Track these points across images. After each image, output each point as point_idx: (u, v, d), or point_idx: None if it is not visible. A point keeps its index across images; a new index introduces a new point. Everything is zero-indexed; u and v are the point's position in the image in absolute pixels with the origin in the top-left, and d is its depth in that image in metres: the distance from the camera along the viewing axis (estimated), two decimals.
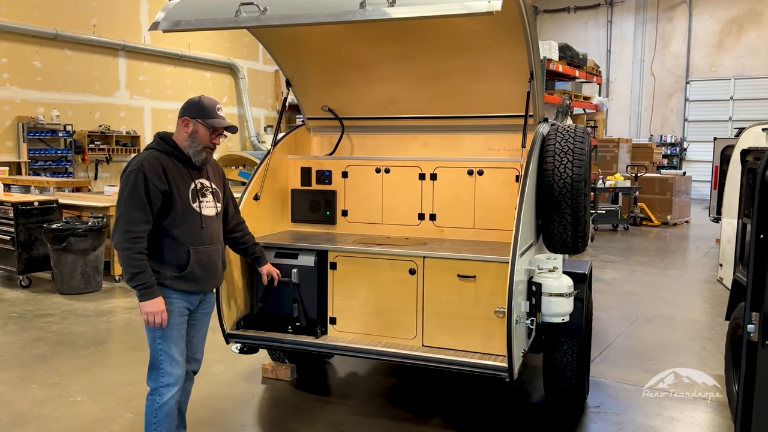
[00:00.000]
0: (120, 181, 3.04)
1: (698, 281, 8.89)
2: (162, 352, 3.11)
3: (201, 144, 3.15)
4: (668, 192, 14.50)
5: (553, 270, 3.66)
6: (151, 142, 3.20)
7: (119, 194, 3.00)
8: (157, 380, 3.14)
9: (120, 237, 2.94)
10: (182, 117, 3.14)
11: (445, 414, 4.22)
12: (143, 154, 3.09)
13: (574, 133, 3.83)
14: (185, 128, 3.13)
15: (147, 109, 15.97)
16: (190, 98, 3.19)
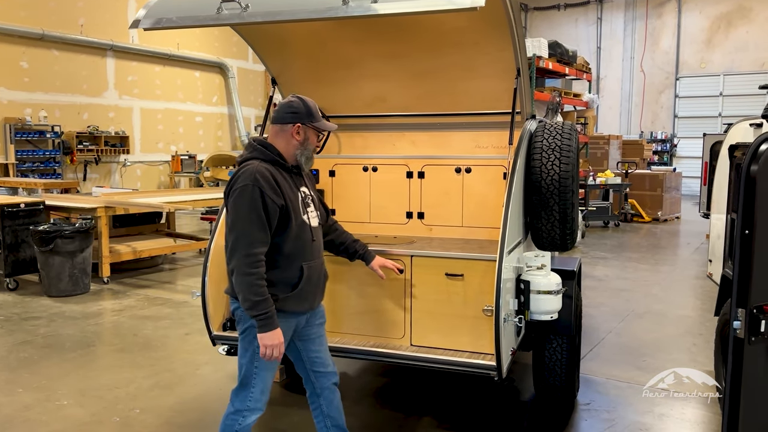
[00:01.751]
0: (229, 199, 2.78)
1: (689, 277, 8.91)
2: (257, 377, 2.93)
3: (311, 150, 2.98)
4: (659, 188, 14.55)
5: (542, 267, 3.65)
6: (250, 150, 2.90)
7: (233, 212, 2.75)
8: (245, 402, 2.96)
9: (241, 261, 2.70)
10: (293, 123, 2.89)
11: (436, 413, 4.20)
12: (252, 166, 2.79)
13: (562, 130, 3.81)
14: (297, 136, 2.90)
15: (136, 109, 15.88)
16: (290, 102, 2.95)
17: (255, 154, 2.88)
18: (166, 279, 8.46)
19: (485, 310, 3.44)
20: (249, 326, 2.87)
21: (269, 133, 2.96)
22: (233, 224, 2.74)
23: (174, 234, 9.80)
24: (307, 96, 4.52)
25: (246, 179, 2.75)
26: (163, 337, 5.88)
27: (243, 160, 2.89)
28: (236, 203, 2.74)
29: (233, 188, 2.77)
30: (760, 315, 1.90)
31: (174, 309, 6.83)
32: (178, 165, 16.27)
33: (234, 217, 2.74)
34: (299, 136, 2.92)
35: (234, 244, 2.72)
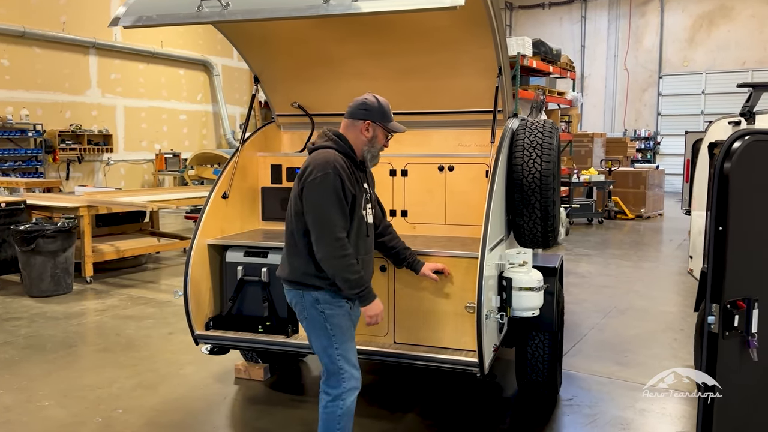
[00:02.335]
0: (307, 186, 2.83)
1: (671, 273, 9.01)
2: (340, 357, 2.98)
3: (378, 148, 3.09)
4: (642, 185, 14.67)
5: (523, 264, 3.67)
6: (324, 139, 2.99)
7: (316, 199, 2.82)
8: (339, 385, 2.98)
9: (332, 246, 2.82)
10: (364, 120, 3.00)
11: (420, 410, 4.21)
12: (329, 155, 2.88)
13: (543, 128, 3.84)
14: (366, 132, 3.01)
15: (119, 107, 15.76)
16: (366, 99, 3.04)
17: (329, 143, 2.97)
18: (150, 278, 8.41)
19: (467, 307, 3.46)
20: (313, 313, 2.96)
21: (341, 125, 3.06)
22: (317, 211, 2.82)
23: (158, 233, 9.74)
24: (290, 93, 4.56)
25: (326, 167, 2.82)
26: (146, 336, 5.85)
27: (316, 147, 2.97)
28: (319, 190, 2.81)
29: (312, 176, 2.82)
30: (733, 310, 1.93)
31: (157, 308, 6.80)
32: (162, 164, 16.16)
33: (317, 204, 2.82)
34: (368, 133, 3.02)
35: (321, 231, 2.83)
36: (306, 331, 3.06)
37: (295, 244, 2.97)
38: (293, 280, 2.98)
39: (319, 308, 2.95)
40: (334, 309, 2.97)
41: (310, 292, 2.95)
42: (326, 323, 2.95)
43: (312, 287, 2.95)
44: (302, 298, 2.97)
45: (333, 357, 2.98)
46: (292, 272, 2.98)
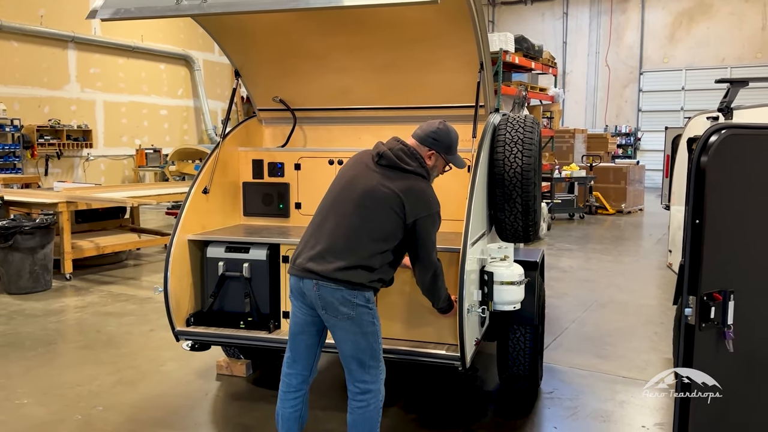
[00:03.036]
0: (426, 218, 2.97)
1: (651, 267, 9.12)
2: (380, 348, 3.07)
3: (433, 176, 3.19)
4: (623, 181, 14.82)
5: (505, 259, 3.69)
6: (419, 164, 3.05)
7: (431, 231, 3.01)
8: (378, 377, 3.06)
9: (439, 271, 3.11)
10: (430, 148, 3.08)
11: (403, 404, 4.22)
12: (429, 187, 3.06)
13: (524, 123, 3.86)
14: (428, 161, 3.09)
15: (99, 102, 15.57)
16: (438, 129, 3.09)
17: (424, 172, 3.07)
18: (131, 275, 8.33)
19: None
20: (363, 312, 2.94)
21: (411, 142, 3.09)
22: (430, 246, 3.02)
23: (138, 229, 9.65)
24: (272, 88, 4.53)
25: (437, 205, 3.03)
26: (126, 333, 5.80)
27: (414, 171, 3.02)
28: (433, 224, 3.01)
29: (430, 211, 2.97)
30: (710, 302, 1.96)
31: (138, 305, 6.74)
32: (143, 159, 16.00)
33: (431, 236, 3.01)
34: (430, 162, 3.10)
35: (431, 263, 3.05)
36: (343, 331, 2.96)
37: (369, 252, 2.93)
38: (353, 281, 2.91)
39: (369, 306, 2.96)
40: (375, 306, 3.03)
41: (364, 292, 2.94)
42: (374, 319, 2.99)
43: (368, 288, 2.96)
44: (355, 298, 2.92)
45: (377, 352, 3.02)
46: (354, 275, 2.91)
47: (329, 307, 2.92)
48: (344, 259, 2.89)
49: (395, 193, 2.91)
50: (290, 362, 3.18)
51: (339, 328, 2.96)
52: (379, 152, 3.03)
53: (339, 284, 2.89)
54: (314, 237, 3.01)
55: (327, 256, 2.91)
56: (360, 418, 3.03)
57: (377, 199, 2.93)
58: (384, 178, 2.96)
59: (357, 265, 2.89)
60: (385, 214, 2.91)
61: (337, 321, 2.94)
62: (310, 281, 2.93)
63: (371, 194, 2.94)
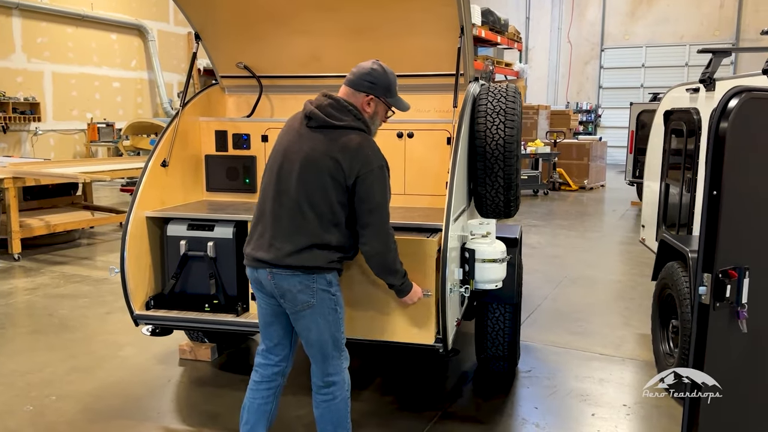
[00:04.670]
0: (366, 177, 2.60)
1: (617, 243, 9.15)
2: (343, 337, 2.83)
3: (377, 125, 2.83)
4: (585, 157, 14.87)
5: (487, 235, 3.52)
6: (353, 117, 2.67)
7: (377, 193, 2.63)
8: (342, 368, 2.83)
9: (391, 241, 2.71)
10: (367, 93, 2.71)
11: (378, 385, 4.05)
12: (369, 140, 2.68)
13: (506, 93, 3.66)
14: (367, 107, 2.73)
15: (47, 73, 14.79)
16: (372, 69, 2.72)
17: (357, 123, 2.69)
18: (84, 255, 7.92)
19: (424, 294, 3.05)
20: (325, 297, 2.69)
21: (342, 92, 2.72)
22: (378, 206, 2.64)
23: (91, 207, 9.19)
24: (235, 53, 4.21)
25: (381, 158, 2.66)
26: (81, 317, 5.46)
27: (347, 126, 2.65)
28: (377, 182, 2.63)
29: (372, 166, 2.60)
30: (725, 280, 1.81)
31: (93, 287, 6.38)
32: (95, 134, 15.29)
33: (379, 199, 2.64)
34: (369, 108, 2.74)
35: (382, 225, 2.68)
36: (304, 320, 2.70)
37: (319, 228, 2.63)
38: (309, 265, 2.62)
39: (331, 291, 2.71)
40: (338, 290, 2.77)
41: (324, 275, 2.67)
42: (336, 306, 2.74)
43: (328, 270, 2.68)
44: (314, 282, 2.65)
45: (339, 341, 2.79)
46: (308, 258, 2.62)
47: (287, 295, 2.68)
48: (294, 241, 2.62)
49: (329, 155, 2.60)
50: (265, 353, 2.95)
51: (300, 317, 2.72)
52: (307, 113, 2.71)
53: (293, 270, 2.63)
54: (261, 222, 2.75)
55: (275, 242, 2.65)
56: (327, 412, 2.83)
57: (313, 166, 2.62)
58: (316, 142, 2.64)
59: (310, 246, 2.62)
60: (324, 181, 2.61)
61: (297, 310, 2.70)
62: (263, 271, 2.70)
63: (306, 163, 2.63)
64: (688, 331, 3.64)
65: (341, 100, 2.69)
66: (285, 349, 2.93)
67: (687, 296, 3.68)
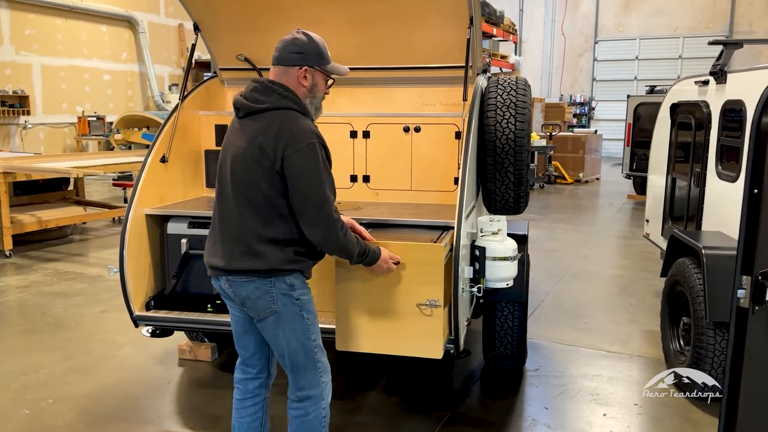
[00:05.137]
0: (291, 158, 2.33)
1: (615, 236, 9.09)
2: (317, 348, 2.56)
3: (320, 98, 2.56)
4: (581, 150, 14.81)
5: (497, 232, 3.43)
6: (278, 96, 2.42)
7: (309, 174, 2.35)
8: (318, 383, 2.58)
9: (334, 223, 2.41)
10: (300, 66, 2.45)
11: (384, 386, 3.96)
12: (300, 119, 2.41)
13: (516, 85, 3.56)
14: (304, 81, 2.46)
15: (36, 66, 14.55)
16: (295, 39, 2.47)
17: (287, 102, 2.43)
18: (77, 251, 7.77)
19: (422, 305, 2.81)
20: (287, 303, 2.46)
21: (273, 74, 2.49)
22: (313, 188, 2.37)
23: (84, 202, 9.03)
24: (235, 44, 4.08)
25: (310, 136, 2.37)
26: (76, 315, 5.34)
27: (271, 107, 2.41)
28: (310, 163, 2.36)
29: (298, 146, 2.33)
30: (765, 282, 1.73)
31: (87, 284, 6.25)
32: (86, 127, 15.08)
33: (313, 180, 2.37)
34: (306, 82, 2.48)
35: (321, 210, 2.39)
36: (268, 328, 2.50)
37: (263, 225, 2.41)
38: (262, 268, 2.41)
39: (294, 296, 2.47)
40: (306, 293, 2.54)
41: (284, 277, 2.44)
42: (302, 311, 2.50)
43: (287, 272, 2.45)
44: (272, 287, 2.44)
45: (311, 350, 2.54)
46: (260, 260, 2.40)
47: (247, 302, 2.49)
48: (239, 243, 2.43)
49: (254, 143, 2.38)
50: (242, 366, 2.75)
51: (264, 325, 2.51)
52: (234, 104, 2.52)
53: (248, 275, 2.43)
54: (214, 229, 2.58)
55: (224, 246, 2.48)
56: (299, 429, 2.59)
57: (241, 159, 2.41)
58: (245, 132, 2.43)
59: (256, 245, 2.41)
60: (254, 173, 2.38)
61: (260, 317, 2.49)
62: (222, 279, 2.52)
63: (235, 158, 2.43)
64: (702, 329, 3.57)
65: (265, 81, 2.46)
66: (263, 359, 2.72)
67: (700, 293, 3.60)
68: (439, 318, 2.81)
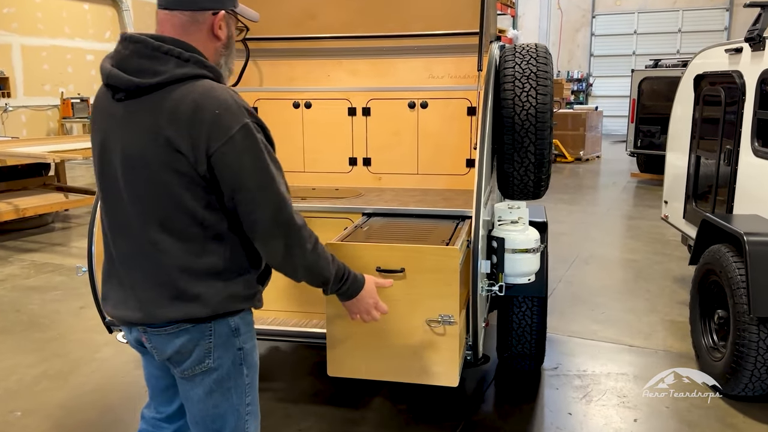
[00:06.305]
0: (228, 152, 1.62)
1: (623, 217, 8.73)
2: (249, 416, 1.89)
3: (233, 58, 1.87)
4: (581, 127, 14.40)
5: (518, 221, 3.03)
6: (169, 65, 1.64)
7: (253, 169, 1.65)
8: None
9: (298, 231, 1.72)
10: (214, 11, 1.73)
11: (388, 392, 3.59)
12: (212, 89, 1.64)
13: (536, 54, 3.14)
14: (219, 32, 1.76)
15: (16, 46, 13.95)
16: None
17: (193, 69, 1.66)
18: (58, 240, 7.34)
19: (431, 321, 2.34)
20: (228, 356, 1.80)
21: (167, 26, 1.72)
22: (261, 187, 1.66)
23: (65, 188, 8.57)
24: None
25: (239, 114, 1.64)
26: (53, 312, 4.93)
27: (172, 79, 1.63)
28: (250, 154, 1.65)
29: (227, 134, 1.61)
30: None
31: (67, 276, 5.84)
32: (69, 110, 14.52)
33: (258, 177, 1.66)
34: (222, 32, 1.77)
35: (278, 212, 1.68)
36: (196, 389, 1.82)
37: (187, 254, 1.69)
38: (204, 315, 1.73)
39: (237, 344, 1.81)
40: (251, 338, 1.88)
41: (227, 320, 1.78)
42: (243, 365, 1.83)
43: (230, 313, 1.78)
44: (210, 337, 1.76)
45: (241, 419, 1.87)
46: (201, 303, 1.71)
47: (173, 358, 1.79)
48: (166, 286, 1.71)
49: (156, 137, 1.63)
50: (157, 421, 2.09)
51: (190, 384, 1.83)
52: (107, 80, 1.70)
53: (177, 325, 1.74)
54: (110, 265, 1.82)
55: (139, 292, 1.74)
56: None
57: (137, 164, 1.66)
58: (135, 122, 1.66)
59: (193, 285, 1.70)
60: (164, 181, 1.64)
61: (186, 375, 1.81)
62: (136, 330, 1.83)
63: (127, 163, 1.67)
64: (743, 325, 3.21)
65: (148, 41, 1.66)
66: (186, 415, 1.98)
67: (741, 285, 3.23)
68: (453, 337, 2.33)
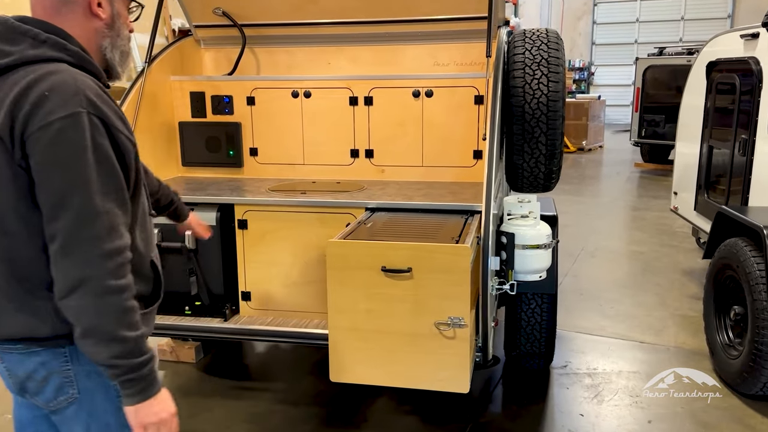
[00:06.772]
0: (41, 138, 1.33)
1: (628, 208, 8.59)
2: None
3: (127, 38, 1.63)
4: (584, 117, 14.22)
5: (528, 215, 2.89)
6: (22, 46, 1.41)
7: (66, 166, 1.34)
8: None
9: (97, 265, 1.34)
10: None
11: (394, 392, 3.45)
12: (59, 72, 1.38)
13: (547, 39, 2.99)
14: (98, 10, 1.50)
15: None
16: None
17: (46, 51, 1.41)
18: None
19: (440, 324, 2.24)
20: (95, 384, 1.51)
21: (38, 9, 1.48)
22: (65, 191, 1.33)
23: None
24: None
25: (74, 99, 1.35)
26: None
27: (22, 60, 1.39)
28: (65, 147, 1.33)
29: (47, 118, 1.32)
30: None
31: None
32: None
33: (66, 176, 1.34)
34: (104, 11, 1.52)
35: (76, 229, 1.34)
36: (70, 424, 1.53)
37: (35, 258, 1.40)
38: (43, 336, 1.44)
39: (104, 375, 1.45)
40: None
41: None
42: (118, 394, 1.47)
43: None
44: (67, 362, 1.48)
45: None
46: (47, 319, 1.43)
47: (29, 387, 1.50)
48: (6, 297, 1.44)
49: None
50: None
51: (62, 418, 1.54)
52: None
53: (28, 344, 1.46)
54: None
55: None
56: None
57: None
58: None
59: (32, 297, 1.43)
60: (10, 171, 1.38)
61: (52, 408, 1.52)
62: None
63: None
64: (763, 322, 3.08)
65: (9, 21, 1.44)
66: None
67: (761, 281, 3.10)
68: (464, 341, 2.21)
